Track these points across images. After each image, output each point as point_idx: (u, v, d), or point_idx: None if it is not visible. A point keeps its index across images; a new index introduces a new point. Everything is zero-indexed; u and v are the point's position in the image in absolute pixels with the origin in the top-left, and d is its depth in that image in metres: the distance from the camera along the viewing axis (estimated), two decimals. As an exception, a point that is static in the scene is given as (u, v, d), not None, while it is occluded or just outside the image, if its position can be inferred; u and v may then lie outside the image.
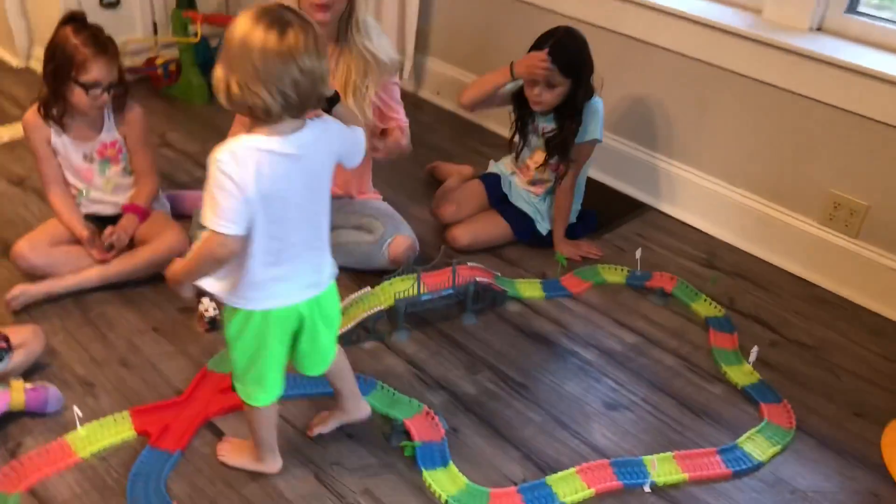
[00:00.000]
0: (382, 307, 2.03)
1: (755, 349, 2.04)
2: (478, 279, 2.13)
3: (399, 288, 2.06)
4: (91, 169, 2.18)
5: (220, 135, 1.67)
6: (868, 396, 2.01)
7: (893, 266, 2.26)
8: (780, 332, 2.21)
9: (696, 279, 2.39)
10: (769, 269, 2.48)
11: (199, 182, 2.64)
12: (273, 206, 1.35)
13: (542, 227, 2.50)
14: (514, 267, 2.41)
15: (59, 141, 2.13)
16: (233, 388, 1.59)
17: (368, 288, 2.09)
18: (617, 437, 1.84)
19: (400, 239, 2.22)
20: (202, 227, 1.35)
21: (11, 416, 1.72)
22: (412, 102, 3.36)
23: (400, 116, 2.26)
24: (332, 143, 1.45)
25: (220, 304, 2.02)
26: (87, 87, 1.99)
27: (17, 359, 1.79)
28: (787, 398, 1.96)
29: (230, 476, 1.65)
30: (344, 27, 2.09)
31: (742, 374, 2.03)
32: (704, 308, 2.26)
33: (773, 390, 1.98)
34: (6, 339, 1.78)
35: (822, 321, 2.26)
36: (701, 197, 2.64)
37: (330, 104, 1.50)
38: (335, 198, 2.29)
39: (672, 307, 2.28)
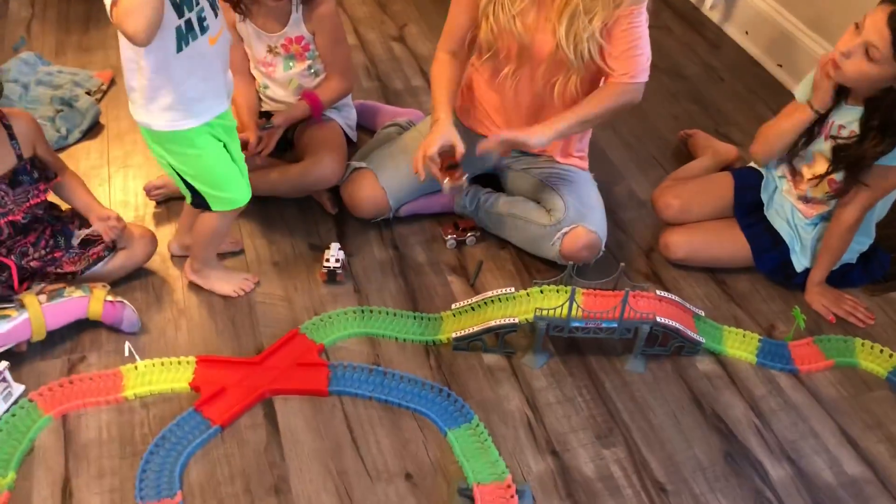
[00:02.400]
0: (520, 320, 1.59)
1: None
2: (659, 318, 1.58)
3: (549, 302, 1.59)
4: (274, 63, 1.94)
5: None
6: None
7: None
8: None
9: None
10: None
11: (412, 93, 2.34)
12: None
13: (799, 261, 1.80)
14: (735, 305, 1.78)
15: (244, 27, 1.90)
16: (207, 209, 1.57)
17: (512, 288, 1.64)
18: None
19: (580, 231, 1.72)
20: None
21: (90, 324, 1.61)
22: (710, 39, 2.68)
23: (637, 62, 1.64)
24: None
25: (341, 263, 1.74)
26: None
27: (116, 262, 1.67)
28: None
29: (253, 480, 1.40)
30: None
31: None
32: None
33: None
34: (112, 242, 1.66)
35: None
36: None
37: None
38: (531, 155, 1.85)
39: (944, 439, 1.54)
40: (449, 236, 1.86)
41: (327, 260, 1.74)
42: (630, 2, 1.57)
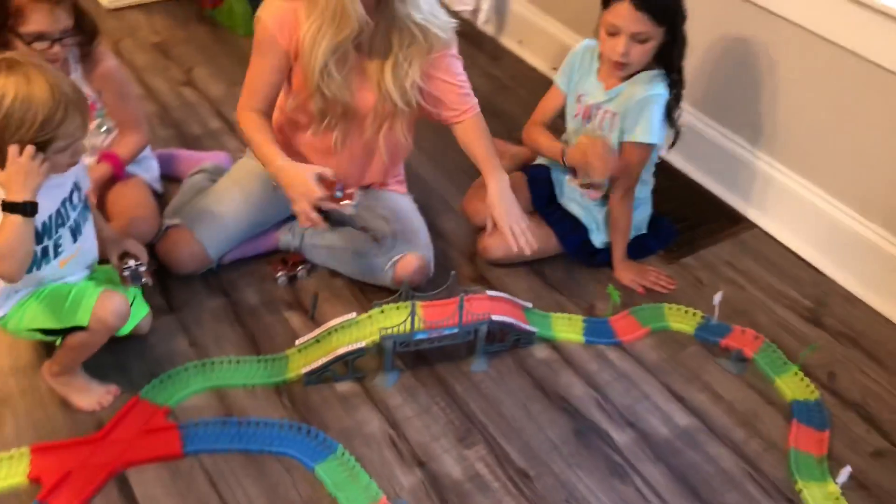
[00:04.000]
0: (366, 343, 1.62)
1: (847, 469, 1.50)
2: (494, 317, 1.67)
3: (391, 321, 1.63)
4: (62, 126, 1.83)
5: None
6: None
7: None
8: (891, 438, 1.65)
9: (793, 339, 1.84)
10: (895, 335, 1.89)
11: (212, 136, 2.30)
12: None
13: (597, 238, 1.98)
14: (556, 292, 1.93)
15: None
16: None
17: (354, 314, 1.67)
18: (629, 574, 1.38)
19: (410, 258, 1.78)
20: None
21: None
22: (489, 51, 2.85)
23: (471, 95, 1.80)
24: None
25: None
26: (27, 40, 1.61)
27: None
28: (884, 544, 1.44)
29: (121, 559, 1.33)
30: None
31: (824, 497, 1.51)
32: (793, 387, 1.72)
33: (864, 531, 1.46)
34: None
35: (956, 425, 1.68)
36: (820, 223, 2.03)
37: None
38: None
39: (750, 378, 1.75)
40: (279, 273, 1.85)
41: (126, 265, 1.58)
42: (442, 46, 1.69)
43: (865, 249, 1.95)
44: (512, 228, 1.70)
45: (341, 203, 1.61)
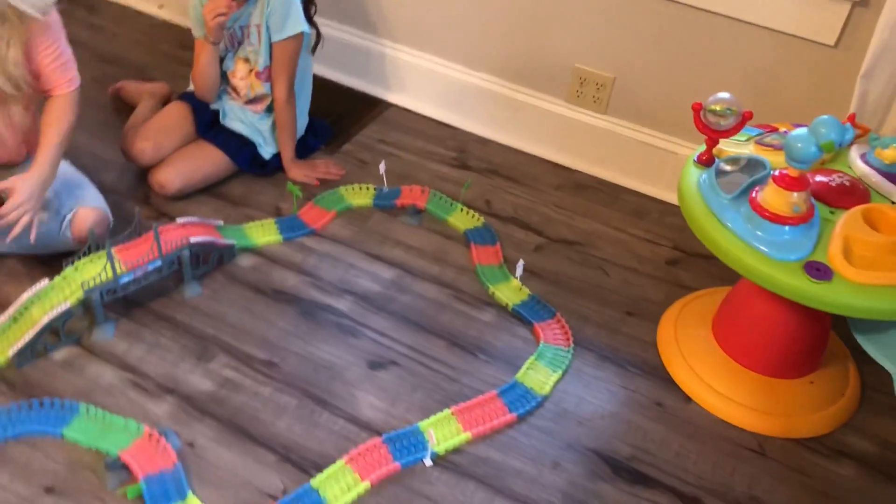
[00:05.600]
0: (70, 303, 1.57)
1: (521, 263, 1.84)
2: (192, 239, 1.71)
3: (88, 273, 1.60)
4: None
5: None
6: (637, 290, 1.90)
7: (644, 139, 2.14)
8: (543, 233, 2.03)
9: (450, 185, 2.14)
10: (523, 159, 2.28)
11: None
12: None
13: (266, 150, 2.09)
14: (242, 207, 2.01)
15: None
16: None
17: (46, 280, 1.60)
18: (387, 404, 1.58)
19: (84, 212, 1.72)
20: None
21: None
22: (83, 4, 2.72)
23: (66, 72, 1.68)
24: None
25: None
26: None
27: None
28: (560, 309, 1.80)
29: None
30: None
31: (511, 291, 1.83)
32: (462, 220, 2.02)
33: (545, 304, 1.81)
34: None
35: (583, 210, 2.11)
36: (443, 86, 2.35)
37: None
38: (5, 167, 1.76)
39: (428, 225, 2.02)
40: None
41: None
42: (39, 19, 1.56)
43: (482, 97, 2.30)
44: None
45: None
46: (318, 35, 2.10)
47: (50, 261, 1.72)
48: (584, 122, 2.20)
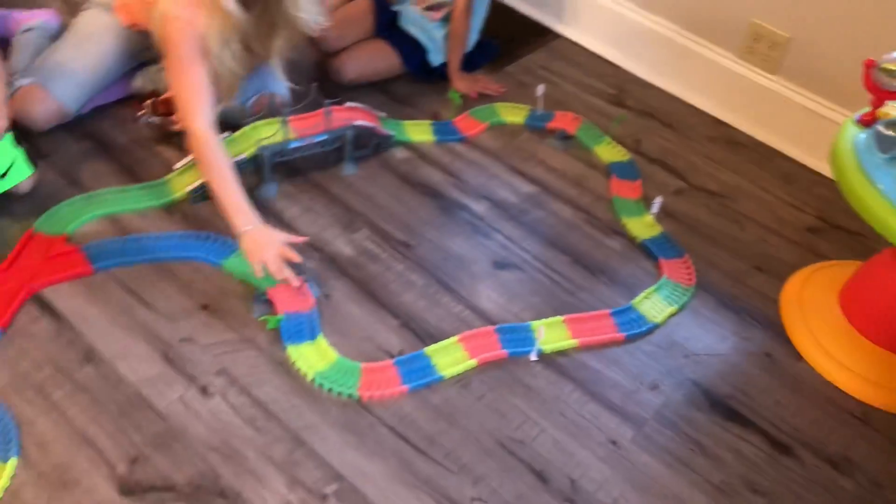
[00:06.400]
0: (245, 156, 1.76)
1: (658, 199, 1.88)
2: (356, 123, 1.86)
3: (263, 134, 1.78)
4: None
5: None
6: (771, 249, 1.89)
7: (811, 106, 2.09)
8: (686, 179, 2.05)
9: (603, 118, 2.18)
10: (681, 107, 2.28)
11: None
12: None
13: (435, 58, 2.20)
14: (404, 105, 2.14)
15: None
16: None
17: (228, 133, 1.80)
18: (504, 300, 1.68)
19: (266, 98, 1.89)
20: None
21: None
22: None
23: None
24: None
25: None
26: None
27: None
28: (689, 252, 1.84)
29: (61, 358, 1.44)
30: None
31: (643, 226, 1.88)
32: (608, 152, 2.07)
33: (675, 244, 1.85)
34: None
35: (732, 166, 2.11)
36: (613, 24, 2.38)
37: None
38: None
39: (574, 151, 2.08)
40: (141, 113, 1.91)
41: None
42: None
43: (652, 40, 2.31)
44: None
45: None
46: None
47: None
48: (751, 79, 2.17)
